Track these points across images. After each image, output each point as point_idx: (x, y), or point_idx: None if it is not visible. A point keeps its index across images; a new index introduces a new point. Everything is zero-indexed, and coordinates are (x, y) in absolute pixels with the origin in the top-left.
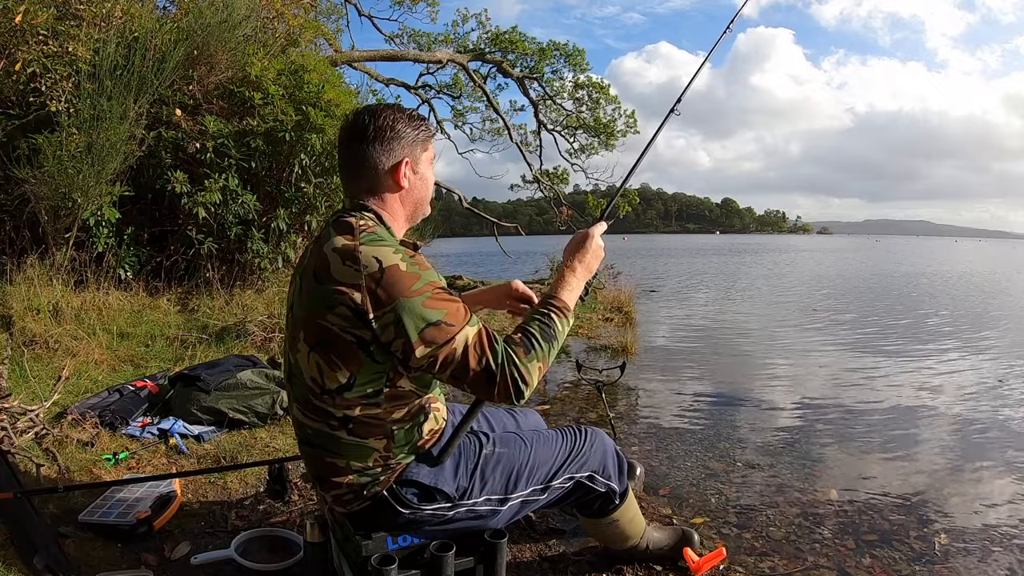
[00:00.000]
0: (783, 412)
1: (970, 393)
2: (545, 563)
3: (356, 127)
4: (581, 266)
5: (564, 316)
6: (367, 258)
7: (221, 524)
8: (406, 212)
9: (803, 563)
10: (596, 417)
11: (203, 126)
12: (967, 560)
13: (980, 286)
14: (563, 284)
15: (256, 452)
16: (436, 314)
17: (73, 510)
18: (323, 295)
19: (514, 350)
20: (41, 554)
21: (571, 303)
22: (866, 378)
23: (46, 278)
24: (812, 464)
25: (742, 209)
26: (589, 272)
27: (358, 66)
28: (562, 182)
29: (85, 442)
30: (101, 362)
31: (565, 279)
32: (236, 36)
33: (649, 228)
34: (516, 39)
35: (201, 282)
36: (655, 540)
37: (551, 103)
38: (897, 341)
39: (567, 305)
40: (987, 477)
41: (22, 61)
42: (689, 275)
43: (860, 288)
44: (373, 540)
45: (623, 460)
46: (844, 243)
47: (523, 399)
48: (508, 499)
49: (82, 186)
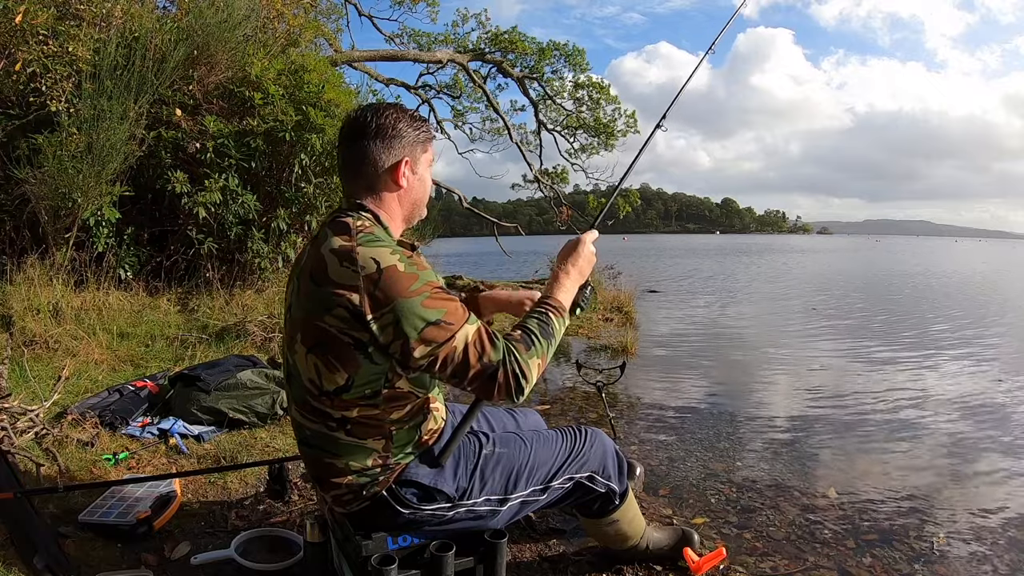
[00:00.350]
0: (783, 412)
1: (970, 393)
2: (545, 563)
3: (358, 124)
4: (574, 270)
5: (560, 315)
6: (365, 259)
7: (221, 524)
8: (404, 212)
9: (803, 563)
10: (596, 417)
11: (203, 126)
12: (967, 560)
13: (982, 286)
14: (558, 286)
15: (256, 452)
16: (435, 313)
17: (73, 510)
18: (321, 297)
19: (514, 347)
20: (41, 554)
21: (566, 303)
22: (866, 378)
23: (46, 278)
24: (812, 464)
25: (742, 209)
26: (582, 276)
27: (358, 66)
28: (562, 182)
29: (85, 442)
30: (101, 362)
31: (559, 281)
32: (236, 36)
33: (649, 228)
34: (516, 39)
35: (201, 282)
36: (655, 540)
37: (551, 103)
38: (898, 341)
39: (563, 305)
40: (987, 476)
41: (22, 61)
42: (689, 275)
43: (860, 288)
44: (373, 540)
45: (623, 460)
46: (844, 243)
47: (523, 396)
48: (508, 499)
49: (82, 186)
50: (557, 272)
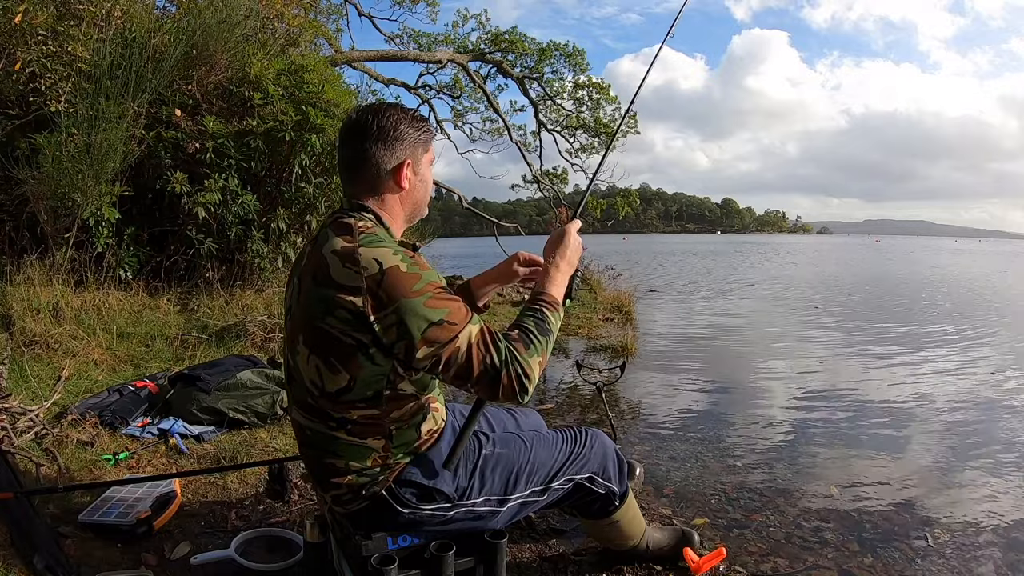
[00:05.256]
0: (783, 412)
1: (971, 393)
2: (545, 563)
3: (359, 126)
4: (563, 261)
5: (555, 310)
6: (367, 260)
7: (221, 524)
8: (405, 213)
9: (803, 563)
10: (596, 417)
11: (203, 126)
12: (967, 559)
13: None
14: (549, 280)
15: (256, 452)
16: (438, 314)
17: (73, 510)
18: (322, 298)
19: (514, 346)
20: (41, 554)
21: (559, 297)
22: (867, 377)
23: (46, 278)
24: (812, 464)
25: (742, 209)
26: (571, 267)
27: (358, 66)
28: (562, 182)
29: (85, 442)
30: (101, 362)
31: (550, 275)
32: (236, 36)
33: (649, 228)
34: (516, 39)
35: (201, 282)
36: (655, 540)
37: (551, 103)
38: (898, 340)
39: (556, 300)
40: (987, 476)
41: (22, 61)
42: (689, 275)
43: (861, 287)
44: (373, 540)
45: (623, 461)
46: (845, 243)
47: (527, 396)
48: (507, 500)
49: (81, 186)
50: (547, 266)
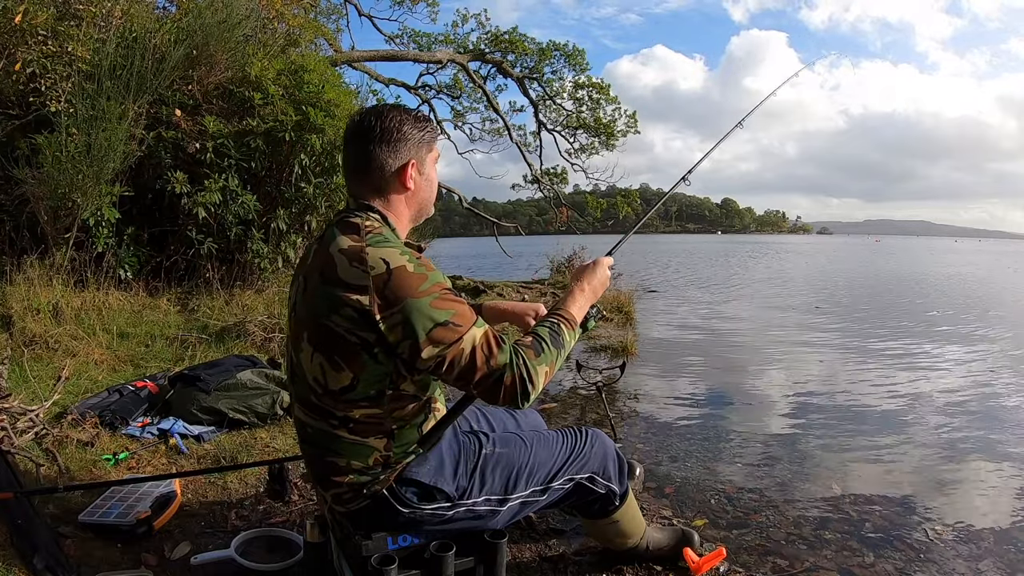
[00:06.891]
0: (783, 412)
1: (970, 393)
2: (545, 563)
3: (362, 128)
4: (589, 288)
5: (572, 328)
6: (374, 259)
7: (221, 524)
8: (410, 213)
9: (803, 563)
10: (596, 417)
11: (203, 126)
12: (967, 558)
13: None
14: (572, 300)
15: (256, 452)
16: (444, 314)
17: (73, 510)
18: (329, 297)
19: (524, 352)
20: (41, 554)
21: (579, 317)
22: (867, 377)
23: (46, 278)
24: (812, 464)
25: (742, 209)
26: (595, 295)
27: (358, 66)
28: (562, 182)
29: (85, 442)
30: (101, 362)
31: (574, 295)
32: (236, 36)
33: (649, 228)
34: (516, 39)
35: (201, 282)
36: (655, 540)
37: (551, 103)
38: (898, 340)
39: (575, 318)
40: (987, 476)
41: (22, 61)
42: (689, 275)
43: (861, 287)
44: (373, 540)
45: (623, 461)
46: (845, 243)
47: (528, 402)
48: (507, 499)
49: (81, 186)
50: (572, 287)
